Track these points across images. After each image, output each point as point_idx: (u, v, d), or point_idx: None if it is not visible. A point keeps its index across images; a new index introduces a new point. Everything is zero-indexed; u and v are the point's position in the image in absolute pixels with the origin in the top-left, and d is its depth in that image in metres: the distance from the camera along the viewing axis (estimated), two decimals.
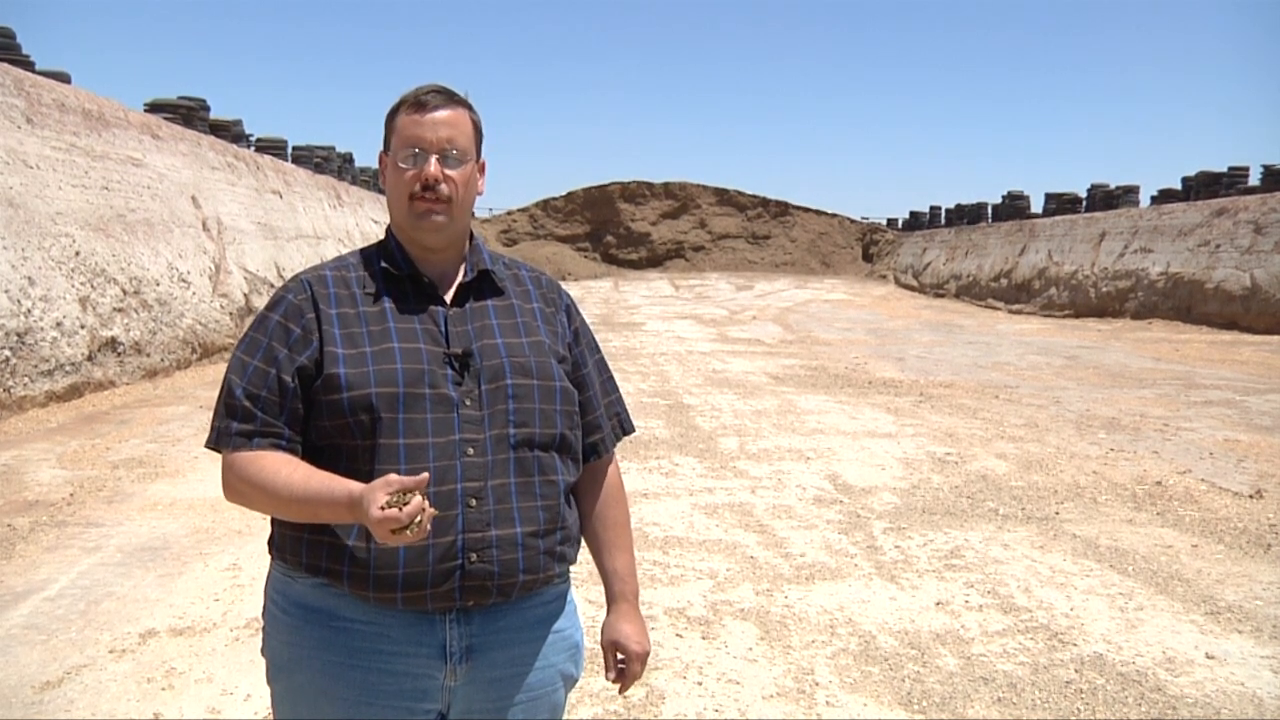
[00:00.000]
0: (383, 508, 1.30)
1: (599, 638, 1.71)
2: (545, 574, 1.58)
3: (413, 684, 1.51)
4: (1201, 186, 21.10)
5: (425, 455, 1.48)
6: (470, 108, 1.61)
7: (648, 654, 1.69)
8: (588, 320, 1.81)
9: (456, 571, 1.49)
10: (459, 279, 1.62)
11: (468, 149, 1.59)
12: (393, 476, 1.34)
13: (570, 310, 1.74)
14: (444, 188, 1.56)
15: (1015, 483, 6.10)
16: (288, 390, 1.52)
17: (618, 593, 1.71)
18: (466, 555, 1.49)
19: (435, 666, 1.52)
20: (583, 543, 1.71)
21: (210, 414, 1.60)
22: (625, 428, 1.79)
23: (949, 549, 4.75)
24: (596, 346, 1.77)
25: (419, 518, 1.32)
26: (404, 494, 1.32)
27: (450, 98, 1.58)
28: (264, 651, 1.62)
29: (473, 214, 1.70)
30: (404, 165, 1.56)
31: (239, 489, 1.52)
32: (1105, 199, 24.23)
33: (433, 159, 1.55)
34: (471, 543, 1.49)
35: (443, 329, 1.56)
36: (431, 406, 1.51)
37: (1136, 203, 23.55)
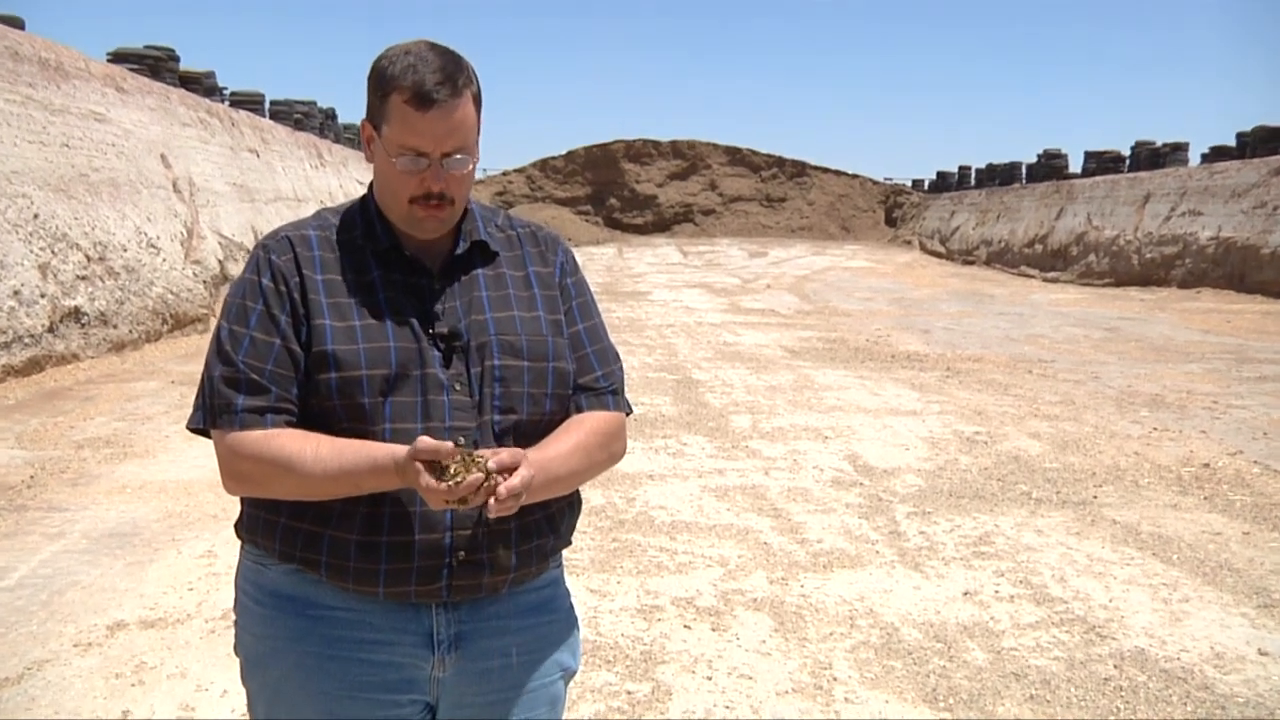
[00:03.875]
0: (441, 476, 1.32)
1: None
2: (538, 568, 1.57)
3: (398, 675, 1.50)
4: (1259, 143, 20.84)
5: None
6: (471, 80, 1.49)
7: (526, 467, 1.40)
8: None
9: (444, 570, 1.47)
10: (450, 251, 1.57)
11: (473, 143, 1.50)
12: (425, 440, 1.32)
13: (564, 267, 1.66)
14: (448, 192, 1.49)
15: (1050, 464, 6.09)
16: (298, 361, 1.47)
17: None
18: (454, 554, 1.47)
19: (422, 656, 1.50)
20: (576, 529, 1.68)
21: (184, 389, 1.55)
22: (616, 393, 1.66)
23: (978, 535, 4.75)
24: (592, 311, 1.67)
25: (478, 492, 1.33)
26: (468, 459, 1.33)
27: (454, 81, 1.45)
28: (237, 650, 1.60)
29: None
30: (402, 168, 1.47)
31: (249, 472, 1.45)
32: (1151, 157, 24.05)
33: (437, 168, 1.47)
34: (460, 540, 1.47)
35: (430, 305, 1.52)
36: (421, 390, 1.47)
37: (1185, 161, 23.36)
